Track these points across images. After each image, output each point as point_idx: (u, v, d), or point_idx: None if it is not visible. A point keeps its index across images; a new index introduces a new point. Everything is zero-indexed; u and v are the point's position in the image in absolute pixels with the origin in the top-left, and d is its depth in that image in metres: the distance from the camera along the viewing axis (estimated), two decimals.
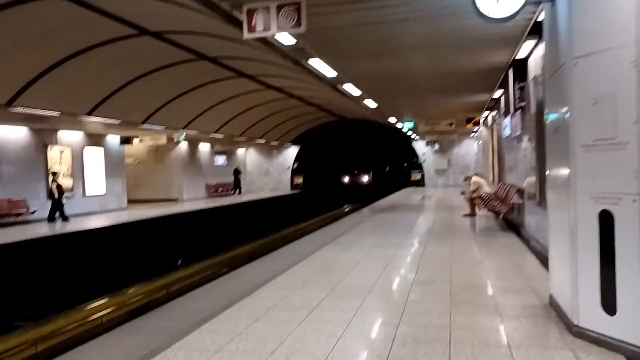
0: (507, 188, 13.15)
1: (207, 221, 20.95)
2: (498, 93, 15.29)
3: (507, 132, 13.64)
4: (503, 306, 5.61)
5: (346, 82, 12.42)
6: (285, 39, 7.67)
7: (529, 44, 9.11)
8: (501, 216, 12.55)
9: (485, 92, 15.13)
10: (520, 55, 9.95)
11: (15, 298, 11.09)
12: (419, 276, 7.23)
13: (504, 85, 13.56)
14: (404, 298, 6.04)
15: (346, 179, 45.33)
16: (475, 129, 26.51)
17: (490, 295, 6.14)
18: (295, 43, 8.03)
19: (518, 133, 11.74)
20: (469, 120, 22.01)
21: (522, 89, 10.77)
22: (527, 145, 10.78)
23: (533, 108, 9.82)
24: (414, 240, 11.08)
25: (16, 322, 9.24)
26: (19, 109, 13.46)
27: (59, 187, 17.74)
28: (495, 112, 18.46)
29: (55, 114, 14.87)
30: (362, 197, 32.12)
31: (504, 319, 5.16)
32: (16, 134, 17.75)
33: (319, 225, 19.59)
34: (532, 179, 10.05)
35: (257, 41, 8.61)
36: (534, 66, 9.49)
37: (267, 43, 8.18)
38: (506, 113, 13.00)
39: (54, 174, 18.50)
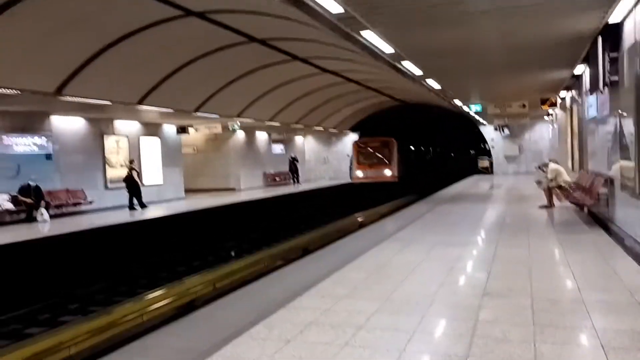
0: (593, 176, 11.48)
1: (263, 211, 20.33)
2: (580, 69, 13.50)
3: (591, 112, 11.91)
4: (605, 332, 4.34)
5: (405, 60, 11.18)
6: (331, 5, 6.63)
7: (626, 3, 7.54)
8: (586, 209, 10.93)
9: (564, 68, 13.38)
10: (614, 18, 8.35)
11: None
12: (491, 286, 6.01)
13: (588, 58, 11.82)
14: (474, 316, 4.88)
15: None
16: (550, 111, 24.32)
17: (585, 315, 4.85)
18: (344, 12, 6.96)
19: (606, 113, 10.09)
20: (543, 102, 20.01)
21: (614, 60, 9.13)
22: (617, 126, 9.15)
23: (629, 82, 8.23)
24: (483, 238, 9.77)
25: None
26: (68, 98, 13.19)
27: (138, 175, 18.30)
28: (575, 91, 16.52)
29: (106, 102, 14.56)
30: (425, 187, 30.57)
31: (609, 352, 3.91)
32: (73, 124, 17.76)
33: (377, 217, 18.47)
34: (626, 165, 8.48)
35: (302, 12, 7.61)
36: (633, 31, 7.89)
37: (313, 12, 7.15)
38: (592, 90, 11.30)
39: (132, 162, 18.72)
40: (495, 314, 4.96)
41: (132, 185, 18.14)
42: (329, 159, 36.68)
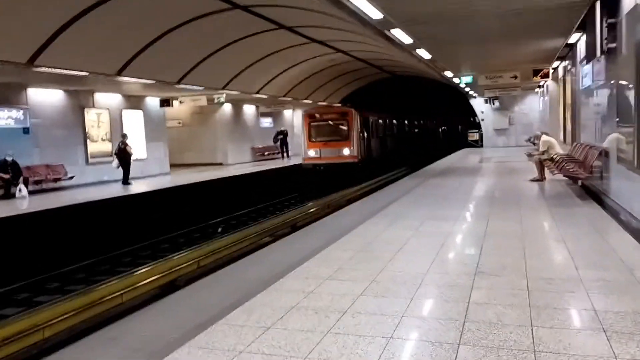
0: (586, 149, 11.19)
1: (250, 186, 19.93)
2: (575, 37, 13.08)
3: (586, 81, 11.54)
4: (606, 314, 4.06)
5: (395, 28, 10.68)
6: None
7: None
8: (580, 182, 10.68)
9: (558, 36, 12.94)
10: None
11: None
12: (484, 263, 5.71)
13: (584, 25, 11.41)
14: (466, 297, 4.58)
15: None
16: (542, 83, 23.96)
17: (584, 296, 4.57)
18: None
19: (602, 82, 9.73)
20: (536, 73, 19.59)
21: (612, 26, 8.73)
22: (613, 96, 8.81)
23: (627, 49, 7.86)
24: (474, 212, 9.48)
25: None
26: (43, 69, 12.57)
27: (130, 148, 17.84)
28: (569, 61, 16.14)
29: (83, 73, 13.93)
30: (415, 160, 30.24)
31: (612, 336, 3.63)
32: (51, 97, 17.10)
33: (366, 192, 18.17)
34: (622, 137, 8.17)
35: None
36: None
37: None
38: (588, 59, 10.92)
39: (124, 136, 18.14)
40: (488, 294, 4.67)
41: (125, 160, 17.69)
42: None
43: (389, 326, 3.97)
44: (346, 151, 21.27)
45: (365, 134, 22.76)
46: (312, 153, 21.66)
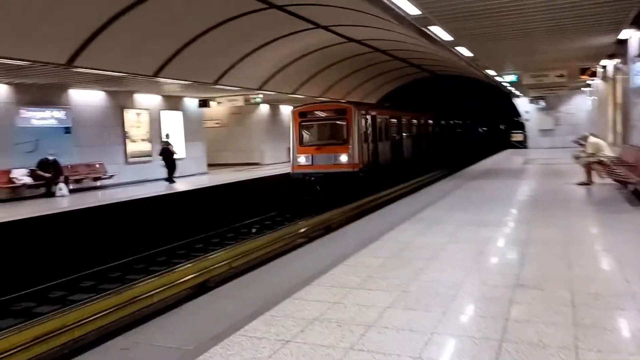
0: (638, 151, 10.49)
1: (286, 187, 19.79)
2: (626, 33, 12.32)
3: (639, 80, 10.86)
4: None
5: (433, 25, 10.28)
6: None
7: None
8: (630, 187, 10.00)
9: (609, 32, 12.20)
10: None
11: None
12: (525, 274, 5.30)
13: (636, 21, 10.71)
14: (504, 313, 4.22)
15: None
16: (589, 82, 22.89)
17: (636, 314, 4.13)
18: None
19: None
20: (583, 71, 18.69)
21: None
22: None
23: None
24: (515, 217, 8.99)
25: None
26: (81, 69, 12.76)
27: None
28: (619, 59, 15.28)
29: (121, 74, 14.10)
30: (455, 162, 29.47)
31: None
32: (92, 98, 17.42)
33: (402, 193, 17.74)
34: None
35: None
36: None
37: None
38: None
39: (167, 136, 18.57)
40: (529, 310, 4.29)
41: (169, 159, 17.96)
42: None
43: (418, 344, 3.66)
44: (344, 158, 16.41)
45: (372, 137, 17.92)
46: (302, 160, 16.97)
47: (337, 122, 17.03)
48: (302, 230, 12.72)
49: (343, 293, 4.85)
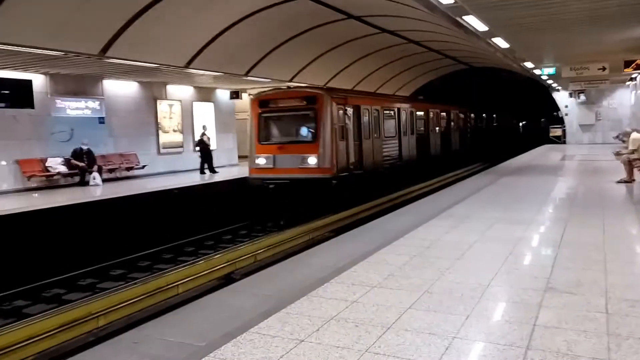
0: None
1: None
2: None
3: None
4: None
5: (468, 14, 9.92)
6: None
7: None
8: None
9: None
10: None
11: None
12: (556, 277, 5.03)
13: None
14: (531, 318, 3.98)
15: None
16: (634, 75, 21.94)
17: None
18: None
19: None
20: (627, 64, 17.87)
21: None
22: None
23: None
24: (550, 216, 8.63)
25: None
26: (114, 60, 12.89)
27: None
28: None
29: (153, 65, 14.19)
30: (489, 156, 28.79)
31: None
32: (126, 89, 17.65)
33: (433, 188, 17.37)
34: None
35: None
36: None
37: None
38: None
39: (205, 127, 18.86)
40: (559, 316, 4.04)
41: (204, 150, 18.27)
42: None
43: (438, 349, 3.48)
44: (312, 160, 12.84)
45: (354, 133, 14.03)
46: (261, 161, 13.48)
47: (306, 113, 13.32)
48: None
49: (363, 292, 4.69)
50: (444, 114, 23.10)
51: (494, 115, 36.36)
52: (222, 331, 3.83)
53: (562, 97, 30.85)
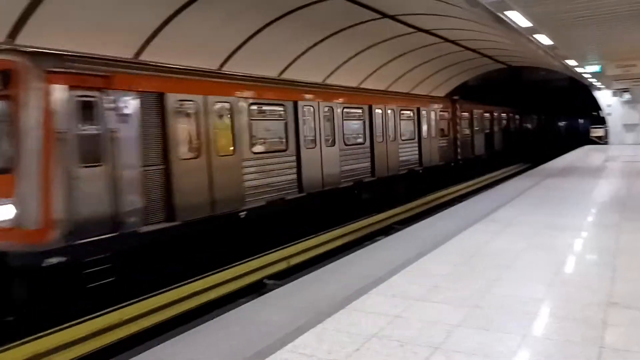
0: None
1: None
2: None
3: None
4: None
5: (510, 9, 9.43)
6: None
7: None
8: None
9: None
10: None
11: None
12: (618, 290, 4.57)
13: None
14: (596, 338, 3.56)
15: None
16: None
17: None
18: None
19: None
20: None
21: None
22: None
23: None
24: (600, 221, 8.06)
25: None
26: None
27: None
28: None
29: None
30: (528, 157, 27.86)
31: None
32: None
33: (470, 191, 16.84)
34: None
35: None
36: None
37: None
38: None
39: None
40: (627, 336, 3.61)
41: None
42: None
43: None
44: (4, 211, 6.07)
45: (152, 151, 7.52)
46: None
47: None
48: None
49: (405, 305, 4.34)
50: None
51: (530, 116, 35.32)
52: (254, 349, 3.55)
53: (604, 96, 29.65)
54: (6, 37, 9.34)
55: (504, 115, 25.71)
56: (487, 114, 22.60)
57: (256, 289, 8.37)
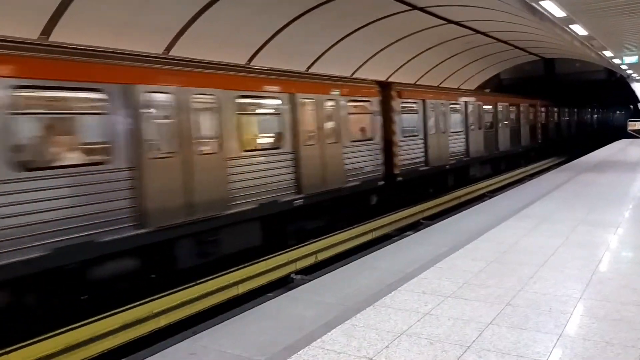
0: None
1: None
2: None
3: None
4: None
5: None
6: None
7: None
8: None
9: None
10: None
11: None
12: None
13: None
14: (637, 341, 3.40)
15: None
16: None
17: None
18: None
19: None
20: None
21: None
22: None
23: None
24: (639, 218, 7.77)
25: None
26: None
27: None
28: None
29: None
30: (563, 151, 27.18)
31: None
32: None
33: (504, 185, 16.50)
34: None
35: None
36: None
37: None
38: None
39: None
40: None
41: None
42: None
43: None
44: None
45: None
46: None
47: None
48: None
49: (435, 302, 4.24)
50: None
51: (564, 109, 34.42)
52: (283, 344, 3.51)
53: None
54: (39, 34, 9.52)
55: (530, 107, 24.04)
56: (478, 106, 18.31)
57: (284, 284, 8.37)
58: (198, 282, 8.63)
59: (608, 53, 18.53)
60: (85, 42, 10.52)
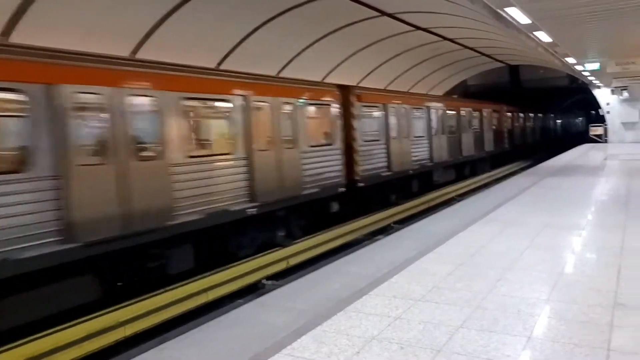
0: None
1: None
2: None
3: None
4: None
5: (511, 6, 9.30)
6: None
7: None
8: None
9: None
10: None
11: None
12: (625, 291, 4.46)
13: None
14: (603, 342, 3.46)
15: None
16: None
17: None
18: None
19: None
20: None
21: None
22: None
23: None
24: (604, 221, 7.95)
25: None
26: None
27: None
28: None
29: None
30: (528, 156, 27.81)
31: None
32: None
33: (471, 189, 16.73)
34: None
35: None
36: None
37: None
38: None
39: None
40: (635, 338, 3.50)
41: None
42: None
43: None
44: None
45: None
46: None
47: None
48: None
49: (405, 306, 4.23)
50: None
51: (528, 114, 35.23)
52: (251, 352, 3.44)
53: (603, 94, 29.56)
54: None
55: (494, 112, 24.04)
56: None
57: (255, 290, 8.26)
58: (166, 289, 8.47)
59: (571, 60, 19.05)
60: (50, 45, 10.24)
